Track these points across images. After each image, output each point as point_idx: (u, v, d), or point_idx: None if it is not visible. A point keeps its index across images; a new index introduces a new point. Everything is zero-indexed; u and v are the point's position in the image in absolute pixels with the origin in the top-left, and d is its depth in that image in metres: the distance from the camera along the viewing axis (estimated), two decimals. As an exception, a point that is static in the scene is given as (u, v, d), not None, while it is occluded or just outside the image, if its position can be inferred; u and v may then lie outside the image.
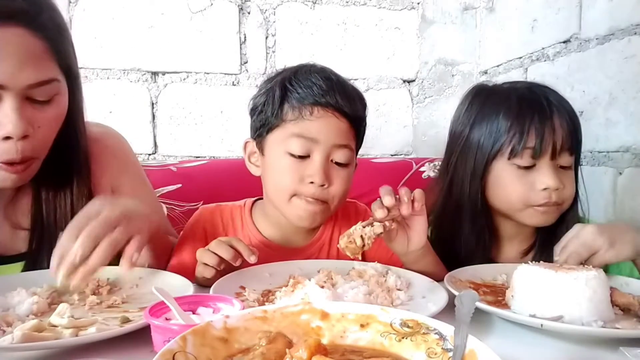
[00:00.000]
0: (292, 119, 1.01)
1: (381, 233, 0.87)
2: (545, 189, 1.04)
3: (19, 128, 0.83)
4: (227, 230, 1.15)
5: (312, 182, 1.00)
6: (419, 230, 0.94)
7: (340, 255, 1.14)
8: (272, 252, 1.10)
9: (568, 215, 1.12)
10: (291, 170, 1.01)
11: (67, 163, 1.01)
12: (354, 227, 0.87)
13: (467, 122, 1.15)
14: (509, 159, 1.06)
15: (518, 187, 1.06)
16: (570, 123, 1.06)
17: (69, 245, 0.78)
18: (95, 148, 1.08)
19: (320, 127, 1.00)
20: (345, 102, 1.01)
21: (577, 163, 1.12)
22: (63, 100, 0.94)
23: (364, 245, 0.85)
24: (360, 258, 0.90)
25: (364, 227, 0.86)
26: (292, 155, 1.01)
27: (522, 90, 1.11)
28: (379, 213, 0.87)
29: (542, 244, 1.16)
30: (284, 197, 1.03)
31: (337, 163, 1.03)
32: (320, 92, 1.00)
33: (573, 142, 1.07)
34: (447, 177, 1.18)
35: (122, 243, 0.83)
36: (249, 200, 1.19)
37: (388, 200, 0.87)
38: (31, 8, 0.85)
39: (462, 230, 1.14)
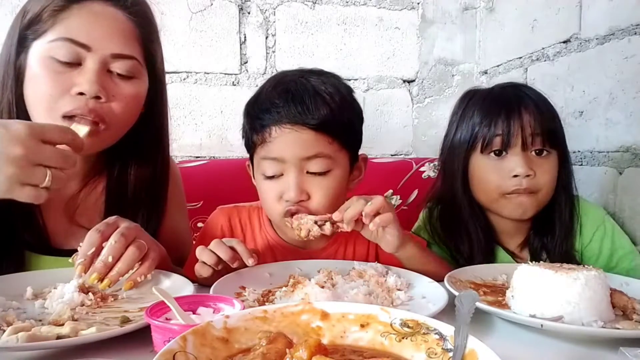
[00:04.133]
0: (259, 144, 1.03)
1: (328, 234, 0.95)
2: (515, 175, 1.09)
3: (93, 87, 0.90)
4: (244, 231, 1.15)
5: (287, 200, 1.00)
6: (387, 239, 0.96)
7: (356, 257, 1.14)
8: (289, 253, 1.10)
9: (556, 212, 1.16)
10: (269, 192, 1.02)
11: (151, 168, 1.08)
12: (307, 219, 0.95)
13: (452, 123, 1.23)
14: (482, 151, 1.13)
15: (491, 175, 1.13)
16: (541, 113, 1.11)
17: (91, 248, 0.83)
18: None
19: (282, 145, 0.99)
20: (303, 114, 0.97)
21: (563, 158, 1.15)
22: (142, 85, 1.00)
23: (307, 236, 0.95)
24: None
25: (315, 222, 0.94)
26: (266, 176, 1.02)
27: (497, 89, 1.19)
28: (336, 215, 0.93)
29: (537, 238, 1.19)
30: (274, 217, 1.06)
31: (314, 173, 1.00)
32: (277, 111, 0.99)
33: (545, 130, 1.10)
34: (438, 177, 1.27)
35: (142, 255, 0.87)
36: None
37: (337, 215, 0.93)
38: None
39: (459, 227, 1.19)
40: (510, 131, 1.09)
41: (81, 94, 0.90)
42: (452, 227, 1.21)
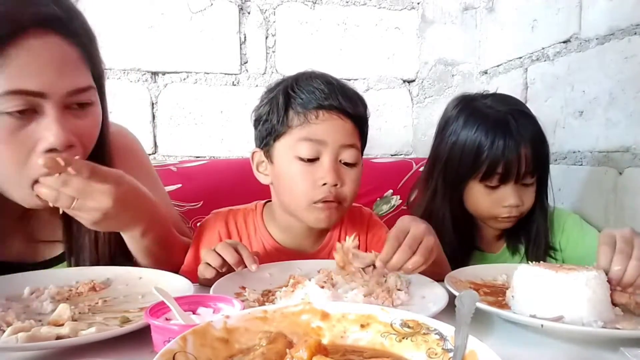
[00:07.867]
0: (298, 125, 1.02)
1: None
2: (507, 205, 1.22)
3: (63, 138, 0.81)
4: (240, 234, 1.14)
5: (324, 184, 1.00)
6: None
7: None
8: (284, 256, 1.10)
9: (533, 218, 1.29)
10: (303, 175, 1.02)
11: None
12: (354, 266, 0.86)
13: (451, 137, 1.27)
14: (480, 180, 1.22)
15: (486, 202, 1.24)
16: (536, 150, 1.21)
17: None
18: (111, 145, 1.07)
19: (327, 129, 1.01)
20: (348, 104, 1.03)
21: (544, 176, 1.27)
22: (98, 109, 0.93)
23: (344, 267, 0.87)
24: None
25: (362, 269, 0.87)
26: (302, 159, 1.02)
27: (500, 115, 1.22)
28: (379, 263, 0.84)
29: (514, 228, 1.30)
30: (302, 204, 1.03)
31: (345, 163, 1.04)
32: (323, 96, 1.01)
33: (536, 166, 1.22)
34: (432, 183, 1.32)
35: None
36: (260, 203, 1.18)
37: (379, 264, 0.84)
38: (64, 15, 0.84)
39: (446, 235, 1.24)
40: (510, 170, 1.19)
41: (52, 150, 0.80)
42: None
